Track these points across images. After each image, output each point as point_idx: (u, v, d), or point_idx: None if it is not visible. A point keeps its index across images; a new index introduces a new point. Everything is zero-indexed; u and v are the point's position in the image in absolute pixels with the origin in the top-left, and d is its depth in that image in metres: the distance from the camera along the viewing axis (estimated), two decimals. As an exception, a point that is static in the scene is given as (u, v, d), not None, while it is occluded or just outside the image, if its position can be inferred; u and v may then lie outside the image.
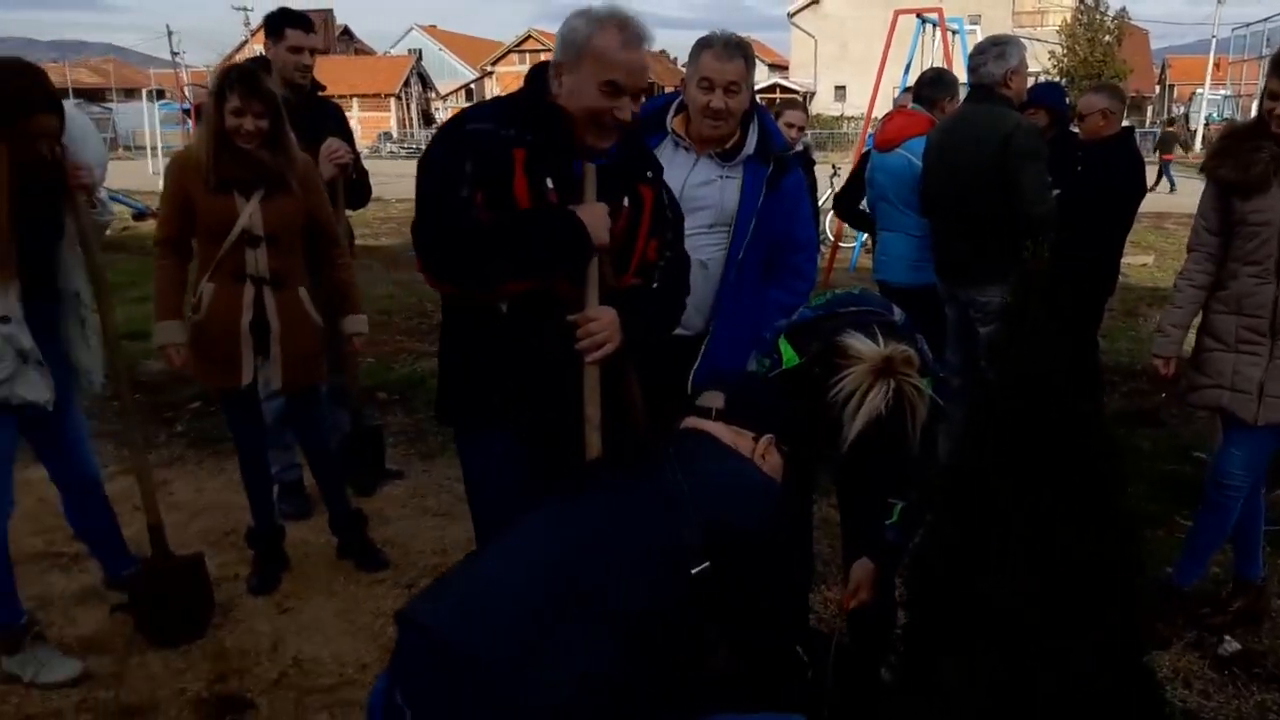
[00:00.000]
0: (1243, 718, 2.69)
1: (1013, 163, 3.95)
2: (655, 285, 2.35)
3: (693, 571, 1.65)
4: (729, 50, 2.63)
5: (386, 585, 3.43)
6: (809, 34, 48.37)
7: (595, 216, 2.13)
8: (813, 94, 47.46)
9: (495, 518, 2.19)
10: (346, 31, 59.63)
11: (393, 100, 46.81)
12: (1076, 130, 4.75)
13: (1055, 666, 1.78)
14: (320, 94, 4.17)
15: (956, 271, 4.25)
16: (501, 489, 2.27)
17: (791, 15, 49.71)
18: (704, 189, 2.71)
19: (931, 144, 4.39)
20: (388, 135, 43.75)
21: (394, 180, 17.11)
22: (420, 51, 55.32)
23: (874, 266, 5.15)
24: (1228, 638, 3.07)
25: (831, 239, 10.56)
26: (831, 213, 10.16)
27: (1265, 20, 29.14)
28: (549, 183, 2.14)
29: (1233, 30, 32.58)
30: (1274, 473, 3.54)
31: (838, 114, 43.84)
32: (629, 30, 2.11)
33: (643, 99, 2.22)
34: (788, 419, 2.06)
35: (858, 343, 2.12)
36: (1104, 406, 4.95)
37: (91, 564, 3.50)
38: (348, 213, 4.07)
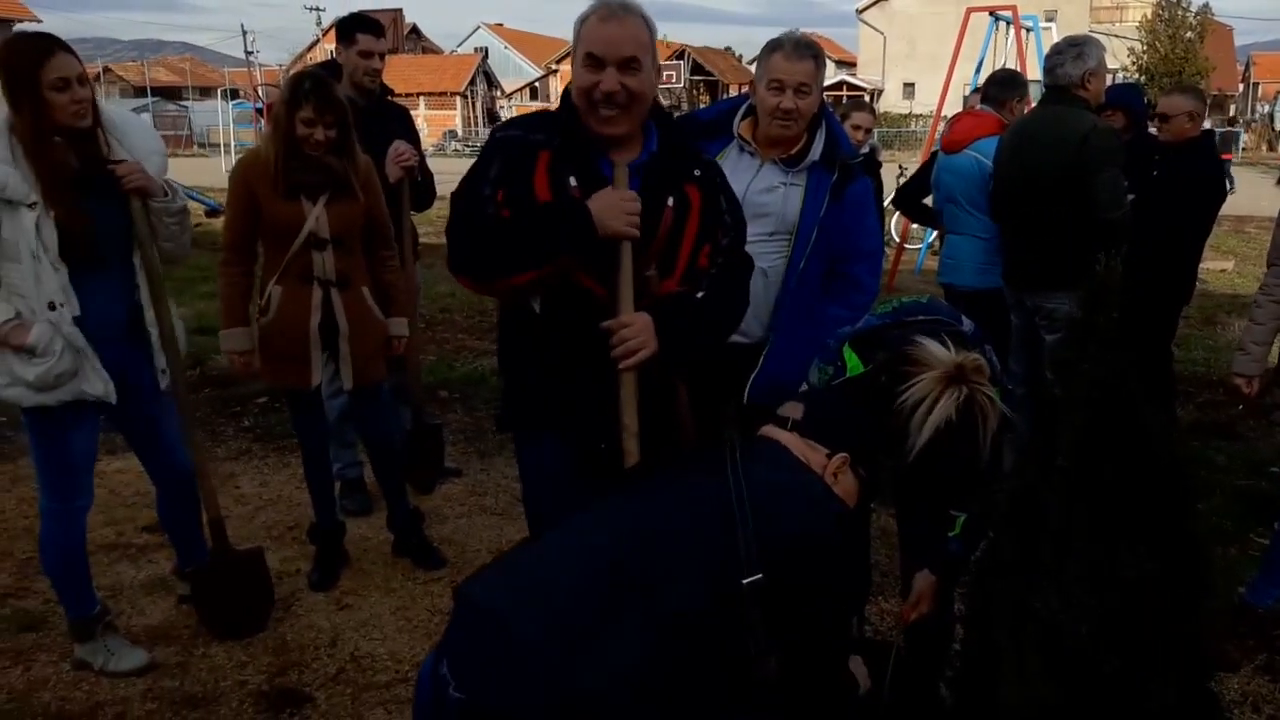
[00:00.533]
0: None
1: (1089, 166, 3.84)
2: (702, 293, 2.25)
3: (744, 582, 1.64)
4: (799, 51, 2.60)
5: (443, 584, 3.47)
6: (877, 30, 47.74)
7: (606, 204, 2.08)
8: (880, 91, 46.85)
9: (546, 519, 2.21)
10: (415, 30, 60.48)
11: (458, 99, 47.34)
12: (1155, 132, 4.61)
13: (1113, 690, 1.73)
14: (389, 97, 4.23)
15: (1024, 277, 4.15)
16: (552, 493, 2.28)
17: (860, 12, 49.12)
18: (766, 195, 2.68)
19: (1005, 145, 4.29)
20: (453, 134, 44.28)
21: (458, 179, 17.31)
22: (486, 50, 55.85)
23: (940, 269, 5.06)
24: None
25: (897, 240, 10.41)
26: (897, 214, 10.05)
27: (1357, 14, 27.96)
28: (572, 180, 2.14)
29: (1321, 25, 31.33)
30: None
31: (905, 112, 43.19)
32: (610, 5, 2.10)
33: (636, 72, 2.11)
34: (865, 437, 2.02)
35: (928, 349, 2.06)
36: (1177, 418, 4.82)
37: (159, 555, 3.60)
38: (412, 213, 4.13)
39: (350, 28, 4.05)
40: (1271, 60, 49.05)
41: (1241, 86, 49.43)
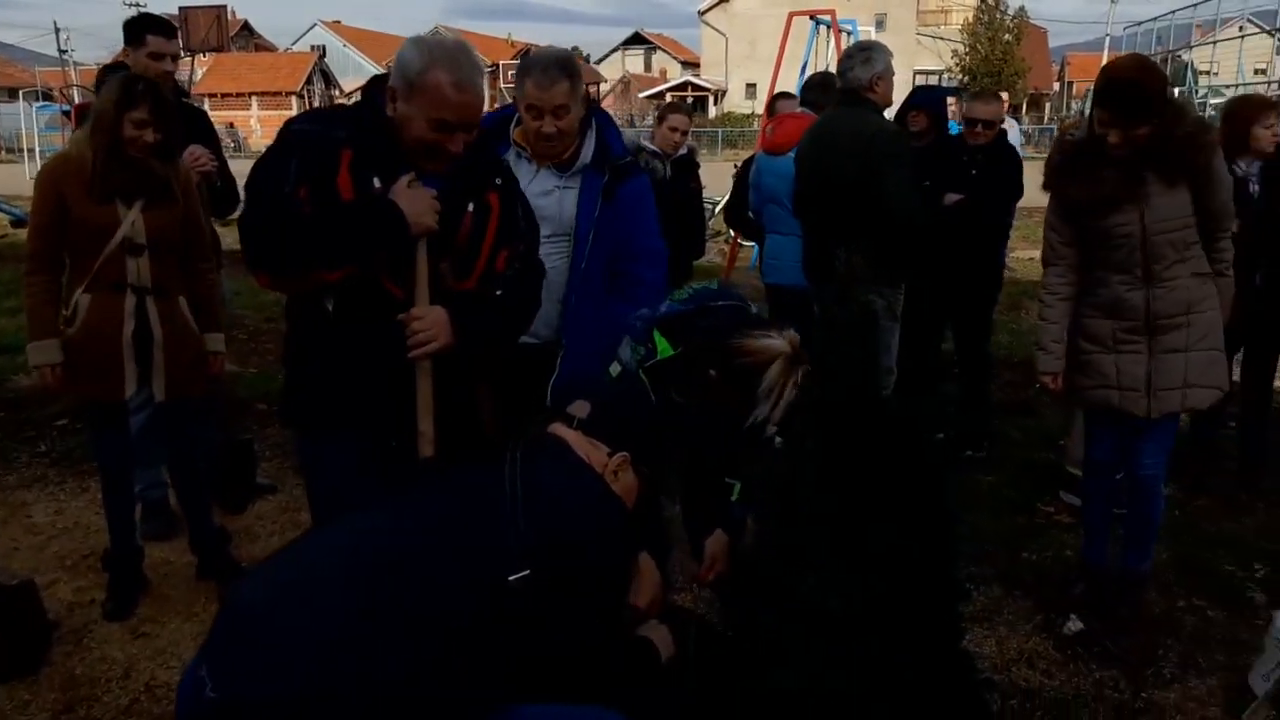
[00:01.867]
0: (1080, 695, 2.81)
1: (876, 165, 4.05)
2: (499, 293, 2.35)
3: (510, 579, 1.66)
4: (550, 75, 2.62)
5: (251, 603, 3.35)
6: (719, 32, 48.78)
7: (415, 202, 2.13)
8: (724, 92, 47.92)
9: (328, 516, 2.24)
10: (246, 27, 57.96)
11: (295, 99, 45.67)
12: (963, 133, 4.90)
13: (871, 663, 1.84)
14: (185, 99, 4.06)
15: (824, 273, 4.34)
16: (339, 491, 2.27)
17: (702, 13, 50.06)
18: (543, 199, 2.72)
19: (804, 146, 4.48)
20: (291, 135, 42.65)
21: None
22: (324, 48, 54.10)
23: (763, 270, 5.22)
24: (1073, 617, 3.21)
25: (732, 236, 10.68)
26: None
27: (1155, 19, 30.47)
28: (375, 181, 2.17)
29: (1124, 29, 33.97)
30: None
31: (748, 112, 44.30)
32: (460, 71, 2.13)
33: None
34: (647, 435, 2.08)
35: (760, 341, 2.19)
36: (992, 400, 5.16)
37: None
38: (215, 222, 3.97)
39: (139, 29, 3.87)
40: (1084, 60, 52.70)
41: (1057, 86, 52.97)
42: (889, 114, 4.50)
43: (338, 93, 51.17)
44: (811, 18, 11.09)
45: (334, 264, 2.12)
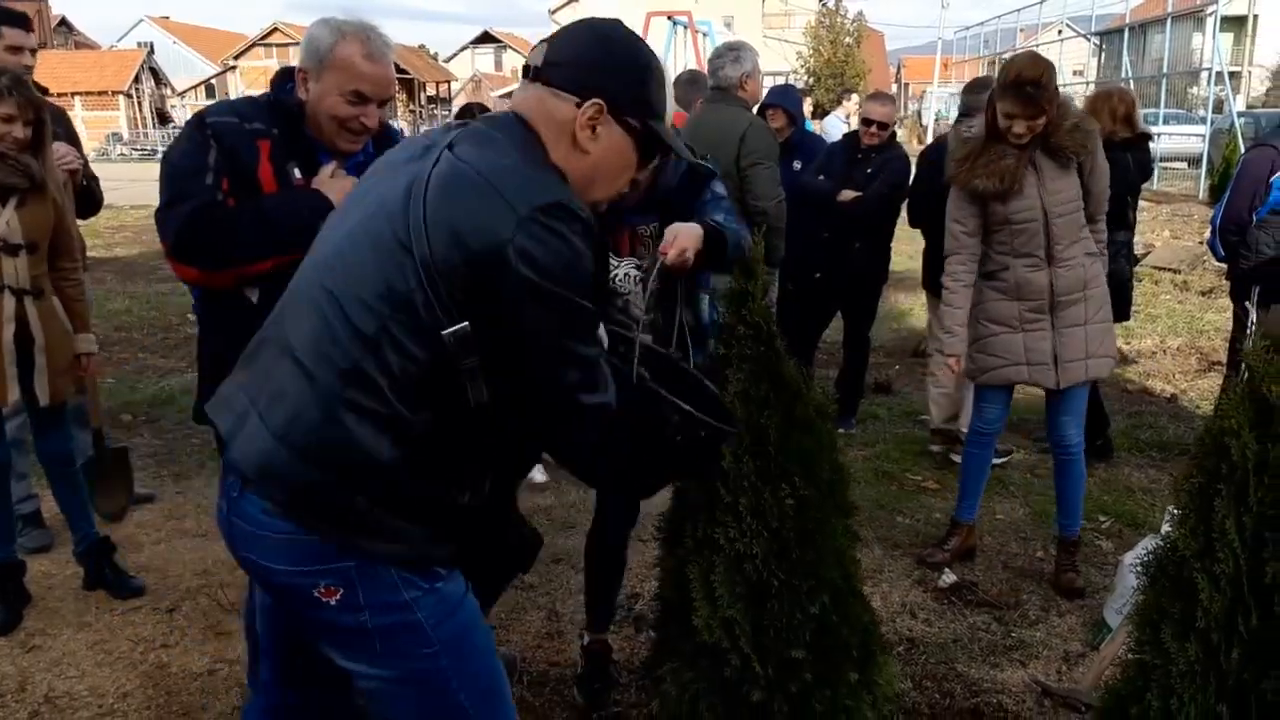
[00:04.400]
0: (958, 639, 3.08)
1: (747, 160, 4.27)
2: None
3: (444, 334, 1.43)
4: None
5: (144, 611, 3.26)
6: (568, 32, 48.82)
7: (341, 192, 2.16)
8: (575, 91, 47.99)
9: None
10: (64, 23, 54.24)
11: (122, 98, 43.09)
12: (857, 131, 5.21)
13: (781, 603, 2.01)
14: (44, 96, 3.87)
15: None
16: None
17: (552, 12, 50.05)
18: None
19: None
20: (118, 136, 40.23)
21: (127, 185, 15.90)
22: (151, 45, 51.24)
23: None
24: (946, 570, 3.50)
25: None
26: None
27: (982, 24, 32.39)
28: (296, 171, 2.22)
29: (955, 33, 36.02)
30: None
31: (600, 111, 44.55)
32: (371, 43, 2.20)
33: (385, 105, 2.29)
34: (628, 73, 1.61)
35: None
36: (864, 377, 5.49)
37: None
38: (79, 222, 3.81)
39: (-6, 22, 3.67)
40: (918, 62, 55.60)
41: (894, 87, 55.63)
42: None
43: (169, 92, 48.62)
44: (669, 18, 11.35)
45: (267, 254, 2.13)
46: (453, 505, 1.55)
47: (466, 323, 1.42)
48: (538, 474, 4.55)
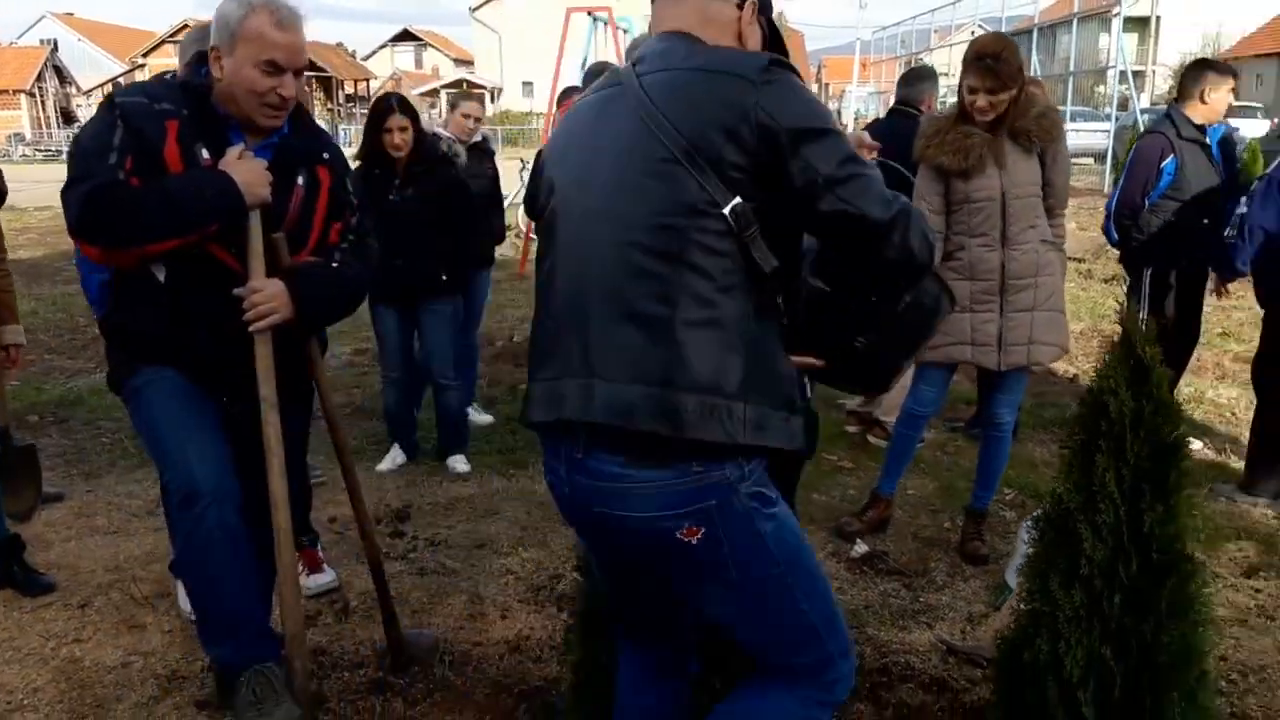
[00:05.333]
0: (869, 604, 3.19)
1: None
2: (335, 264, 2.45)
3: (725, 212, 1.53)
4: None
5: (55, 608, 3.19)
6: (492, 29, 48.57)
7: (249, 173, 2.20)
8: (500, 90, 47.75)
9: (179, 433, 2.28)
10: (-40, 18, 51.94)
11: (24, 97, 41.52)
12: None
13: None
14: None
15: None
16: (174, 401, 2.31)
17: (473, 10, 49.66)
18: None
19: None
20: (20, 137, 38.73)
21: (31, 187, 15.36)
22: (55, 42, 49.44)
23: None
24: (859, 541, 3.62)
25: (524, 231, 10.82)
26: (522, 208, 10.45)
27: (899, 24, 33.06)
28: (203, 152, 2.23)
29: (873, 33, 36.71)
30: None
31: (526, 110, 44.43)
32: (280, 12, 2.22)
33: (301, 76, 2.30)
34: None
35: None
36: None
37: None
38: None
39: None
40: (838, 62, 56.58)
41: (815, 86, 56.49)
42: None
43: (74, 90, 46.97)
44: (590, 14, 11.37)
45: (169, 234, 2.15)
46: (792, 404, 1.62)
47: (738, 198, 1.53)
48: (460, 464, 4.56)
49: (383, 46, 60.30)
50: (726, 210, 1.53)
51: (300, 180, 2.38)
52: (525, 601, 3.26)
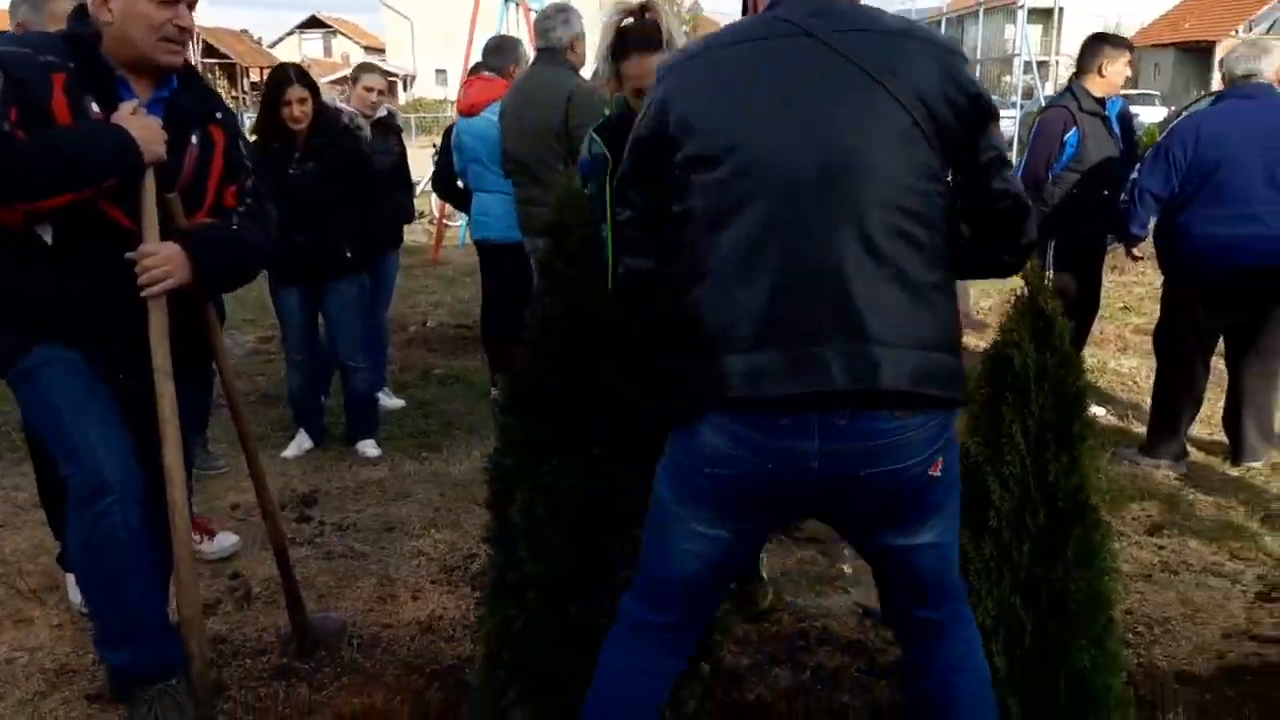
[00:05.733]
0: (786, 571, 3.19)
1: (575, 122, 4.26)
2: (234, 227, 2.36)
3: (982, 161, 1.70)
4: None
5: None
6: (403, 16, 47.64)
7: (145, 130, 2.12)
8: (413, 78, 46.90)
9: (82, 422, 2.18)
10: None
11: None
12: None
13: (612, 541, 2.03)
14: None
15: (537, 226, 4.49)
16: (75, 386, 2.21)
17: (384, -4, 48.67)
18: None
19: (506, 104, 4.60)
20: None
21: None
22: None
23: (472, 226, 5.31)
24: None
25: (437, 217, 10.63)
26: (434, 195, 10.26)
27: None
28: (94, 106, 2.14)
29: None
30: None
31: (440, 98, 43.73)
32: None
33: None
34: None
35: None
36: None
37: None
38: None
39: None
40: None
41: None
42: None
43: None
44: (501, -3, 11.21)
45: (61, 189, 2.04)
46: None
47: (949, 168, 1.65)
48: (370, 449, 4.43)
49: (290, 33, 58.67)
50: (949, 178, 1.65)
51: (194, 139, 2.31)
52: (438, 582, 3.17)
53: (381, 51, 51.35)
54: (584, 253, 2.09)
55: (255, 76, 49.21)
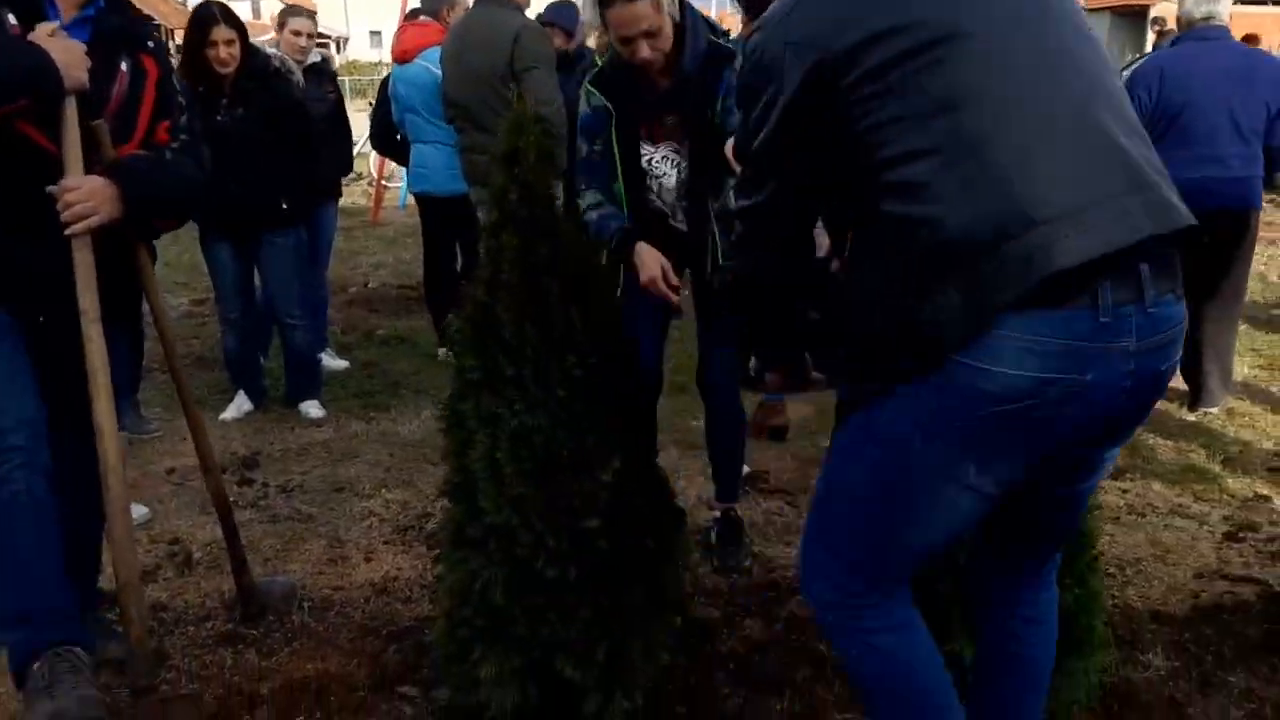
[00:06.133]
0: (754, 523, 3.10)
1: (521, 64, 4.08)
2: (166, 158, 2.21)
3: None
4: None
5: None
6: (334, -24, 46.24)
7: (65, 52, 1.97)
8: (346, 40, 45.63)
9: None
10: None
11: None
12: None
13: (571, 471, 1.91)
14: None
15: (482, 176, 4.31)
16: None
17: (312, -43, 47.15)
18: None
19: (446, 49, 4.40)
20: None
21: None
22: None
23: (411, 179, 5.10)
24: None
25: (375, 177, 10.32)
26: (373, 153, 9.93)
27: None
28: (11, 19, 1.99)
29: None
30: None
31: (375, 60, 42.60)
32: None
33: None
34: None
35: None
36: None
37: None
38: None
39: None
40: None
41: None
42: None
43: None
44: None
45: None
46: None
47: None
48: (313, 409, 4.24)
49: (216, -6, 56.71)
50: None
51: (124, 66, 2.15)
52: (391, 543, 3.03)
53: (313, 14, 49.81)
54: (540, 181, 1.95)
55: (179, 37, 47.52)
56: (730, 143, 2.18)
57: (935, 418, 1.42)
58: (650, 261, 2.52)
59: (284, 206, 3.98)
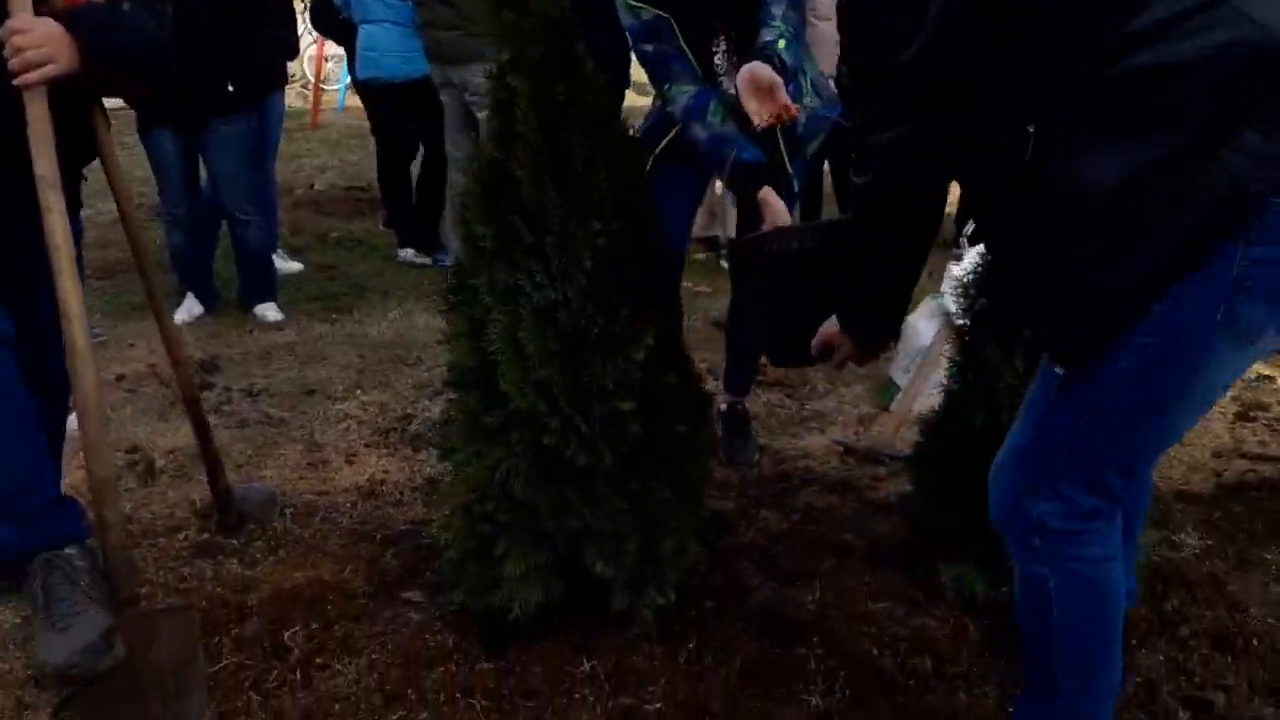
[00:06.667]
0: (756, 415, 2.93)
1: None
2: (125, 8, 1.87)
3: None
4: None
5: None
6: None
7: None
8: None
9: None
10: None
11: None
12: None
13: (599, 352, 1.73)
14: None
15: (447, 53, 4.00)
16: None
17: None
18: None
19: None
20: None
21: None
22: None
23: (359, 65, 4.75)
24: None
25: (312, 80, 9.81)
26: (309, 51, 9.38)
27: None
28: None
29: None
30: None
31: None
32: None
33: None
34: None
35: None
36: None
37: None
38: None
39: None
40: None
41: None
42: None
43: None
44: None
45: None
46: None
47: None
48: (270, 312, 3.98)
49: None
50: None
51: None
52: (373, 446, 2.83)
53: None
54: (552, 28, 1.71)
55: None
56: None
57: (1249, 273, 1.21)
58: (782, 212, 2.24)
59: (230, 89, 3.65)
